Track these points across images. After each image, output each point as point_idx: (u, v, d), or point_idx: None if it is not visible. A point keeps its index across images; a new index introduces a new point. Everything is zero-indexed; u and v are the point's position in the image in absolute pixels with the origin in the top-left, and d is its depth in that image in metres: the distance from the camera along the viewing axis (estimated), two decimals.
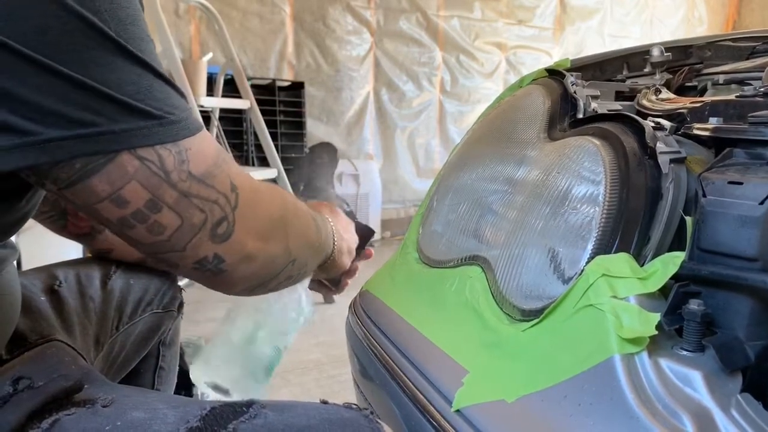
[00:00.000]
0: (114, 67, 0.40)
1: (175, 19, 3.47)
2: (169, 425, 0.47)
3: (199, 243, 0.46)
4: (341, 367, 1.91)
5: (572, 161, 0.61)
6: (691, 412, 0.40)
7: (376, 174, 4.02)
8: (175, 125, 0.43)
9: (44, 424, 0.45)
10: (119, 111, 0.40)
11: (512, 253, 0.62)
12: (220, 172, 0.47)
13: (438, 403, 0.56)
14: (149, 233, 0.45)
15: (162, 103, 0.42)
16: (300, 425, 0.48)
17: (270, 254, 0.53)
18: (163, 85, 0.43)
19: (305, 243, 0.62)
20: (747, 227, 0.44)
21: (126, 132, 0.41)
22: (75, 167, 0.40)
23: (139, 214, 0.43)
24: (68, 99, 0.38)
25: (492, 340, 0.57)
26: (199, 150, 0.45)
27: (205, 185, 0.45)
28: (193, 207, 0.45)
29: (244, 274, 0.51)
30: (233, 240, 0.48)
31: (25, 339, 0.59)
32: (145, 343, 0.88)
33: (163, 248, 0.46)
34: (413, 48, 4.33)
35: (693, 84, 0.90)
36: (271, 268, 0.55)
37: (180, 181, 0.44)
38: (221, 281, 0.51)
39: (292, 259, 0.57)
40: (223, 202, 0.47)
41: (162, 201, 0.43)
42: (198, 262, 0.48)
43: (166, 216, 0.44)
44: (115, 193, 0.42)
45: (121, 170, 0.41)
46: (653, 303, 0.46)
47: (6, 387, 0.48)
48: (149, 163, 0.42)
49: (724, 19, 5.73)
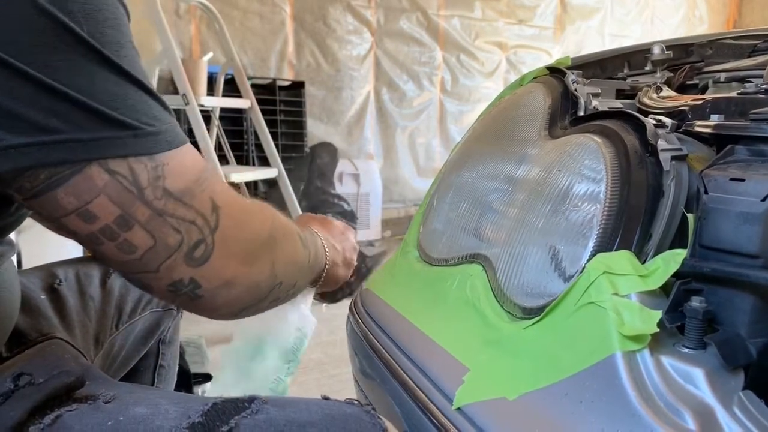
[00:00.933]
0: (86, 71, 0.38)
1: (176, 19, 3.47)
2: (171, 420, 0.47)
3: (174, 265, 0.44)
4: (342, 367, 1.91)
5: (573, 159, 0.60)
6: (693, 409, 0.40)
7: (376, 173, 4.02)
8: (151, 137, 0.41)
9: (46, 419, 0.45)
10: (88, 119, 0.38)
11: (513, 251, 0.62)
12: (200, 190, 0.44)
13: (439, 401, 0.56)
14: (119, 251, 0.42)
15: (139, 114, 0.40)
16: (302, 421, 0.48)
17: (253, 279, 0.50)
18: (142, 94, 0.41)
19: (293, 264, 0.59)
20: (749, 224, 0.44)
21: (95, 141, 0.38)
22: (39, 177, 0.38)
23: (108, 230, 0.41)
24: (34, 103, 0.36)
25: (493, 338, 0.57)
26: (179, 165, 0.43)
27: (182, 204, 0.43)
28: (168, 227, 0.42)
29: (225, 300, 0.49)
30: (211, 264, 0.46)
31: (25, 336, 0.59)
32: (145, 342, 0.88)
33: (134, 268, 0.44)
34: (414, 47, 4.32)
35: (694, 82, 0.90)
36: (255, 292, 0.52)
37: (155, 199, 0.41)
38: (198, 306, 0.48)
39: (278, 282, 0.54)
40: (201, 223, 0.44)
41: (133, 218, 0.41)
42: (172, 284, 0.45)
43: (138, 235, 0.42)
44: (83, 207, 0.40)
45: (88, 183, 0.39)
46: (655, 300, 0.46)
47: (7, 383, 0.48)
48: (120, 177, 0.40)
49: (725, 19, 5.73)
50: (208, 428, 0.46)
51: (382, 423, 0.50)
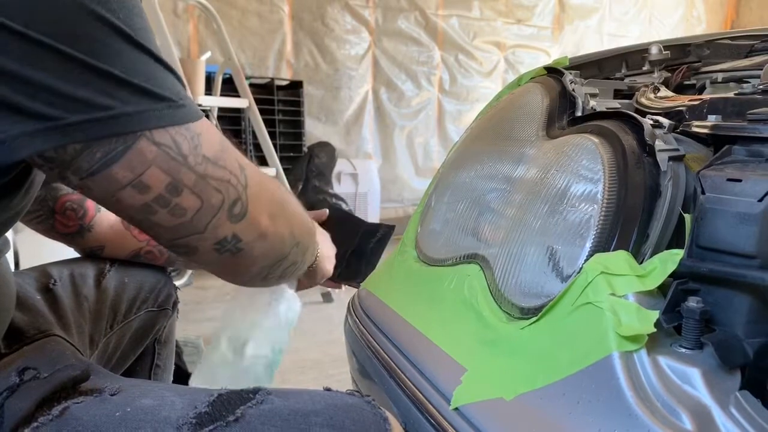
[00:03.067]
0: (124, 56, 0.42)
1: (174, 18, 3.47)
2: (178, 411, 0.47)
3: (219, 223, 0.48)
4: (340, 366, 1.91)
5: (571, 159, 0.60)
6: (690, 409, 0.40)
7: (374, 173, 4.02)
8: (183, 109, 0.45)
9: (54, 411, 0.46)
10: (132, 94, 0.42)
11: (511, 251, 0.62)
12: (227, 155, 0.49)
13: (436, 402, 0.56)
14: (172, 216, 0.46)
15: (169, 90, 0.44)
16: (305, 410, 0.49)
17: (279, 233, 0.55)
18: (167, 73, 0.45)
19: (304, 226, 0.63)
20: (746, 224, 0.44)
21: (139, 114, 0.42)
22: (95, 156, 0.41)
23: (161, 198, 0.45)
24: (87, 84, 0.40)
25: (490, 338, 0.57)
26: (208, 135, 0.47)
27: (219, 166, 0.47)
28: (211, 188, 0.47)
29: (261, 251, 0.53)
30: (248, 218, 0.50)
31: (23, 333, 0.59)
32: (141, 341, 0.88)
33: (185, 231, 0.47)
34: (412, 47, 4.32)
35: (691, 82, 0.90)
36: (281, 248, 0.56)
37: (197, 164, 0.45)
38: (239, 262, 0.52)
39: (297, 241, 0.59)
40: (236, 182, 0.49)
41: (182, 184, 0.45)
42: (218, 242, 0.49)
43: (187, 198, 0.46)
44: (137, 179, 0.43)
45: (140, 157, 0.43)
46: (652, 301, 0.46)
47: (12, 377, 0.49)
48: (166, 148, 0.43)
49: (723, 19, 5.74)
50: (215, 418, 0.47)
51: (382, 413, 0.51)
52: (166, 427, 0.46)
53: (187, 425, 0.46)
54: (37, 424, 0.45)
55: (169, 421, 0.46)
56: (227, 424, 0.47)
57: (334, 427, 0.48)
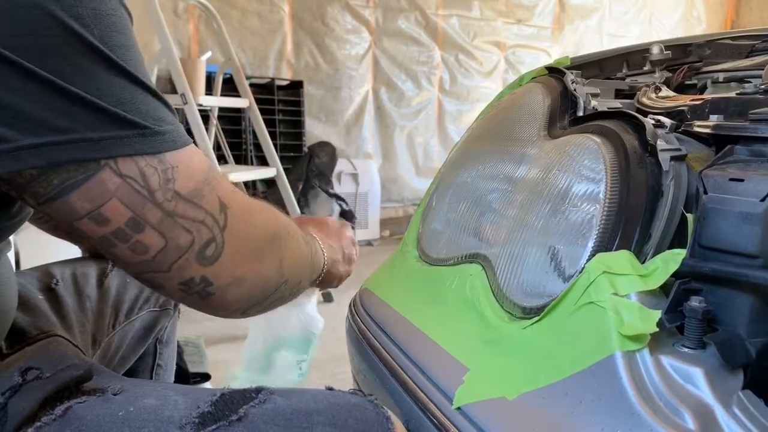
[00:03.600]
0: (95, 75, 0.39)
1: (174, 18, 3.47)
2: (181, 410, 0.47)
3: (186, 264, 0.45)
4: (343, 365, 1.91)
5: (572, 159, 0.60)
6: (693, 409, 0.40)
7: (375, 173, 4.02)
8: (158, 137, 0.42)
9: (57, 410, 0.46)
10: (98, 119, 0.39)
11: (513, 250, 0.62)
12: (209, 191, 0.45)
13: (439, 401, 0.56)
14: (132, 252, 0.43)
15: (145, 115, 0.41)
16: (308, 409, 0.49)
17: (262, 276, 0.51)
18: (148, 96, 0.42)
19: (298, 261, 0.60)
20: (748, 224, 0.44)
21: (104, 141, 0.39)
22: (53, 183, 0.39)
23: (120, 233, 0.42)
24: (46, 104, 0.37)
25: (492, 338, 0.57)
26: (187, 167, 0.44)
27: (193, 205, 0.44)
28: (179, 227, 0.43)
29: (235, 297, 0.49)
30: (222, 262, 0.46)
31: (25, 334, 0.59)
32: (142, 341, 0.88)
33: (146, 268, 0.45)
34: (412, 47, 4.32)
35: (692, 82, 0.90)
36: (263, 289, 0.53)
37: (165, 201, 0.42)
38: (209, 304, 0.49)
39: (285, 279, 0.55)
40: (211, 223, 0.45)
41: (145, 221, 0.42)
42: (184, 283, 0.46)
43: (150, 236, 0.43)
44: (95, 210, 0.41)
45: (101, 187, 0.40)
46: (654, 300, 0.46)
47: (15, 377, 0.49)
48: (131, 180, 0.41)
49: (723, 19, 5.74)
50: (218, 417, 0.47)
51: (385, 412, 0.51)
52: (170, 426, 0.46)
53: (190, 425, 0.46)
54: (40, 423, 0.45)
55: (172, 420, 0.46)
56: (230, 423, 0.46)
57: (337, 426, 0.48)
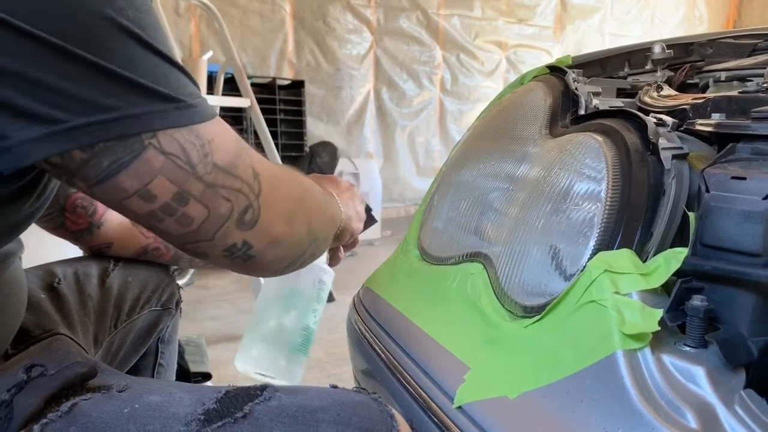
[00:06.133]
0: (131, 55, 0.41)
1: (175, 18, 3.47)
2: (186, 407, 0.48)
3: (228, 232, 0.47)
4: (342, 365, 1.91)
5: (574, 158, 0.60)
6: (695, 407, 0.40)
7: (376, 173, 4.02)
8: (192, 109, 0.44)
9: (63, 407, 0.46)
10: (139, 95, 0.41)
11: (514, 249, 0.62)
12: (242, 161, 0.48)
13: (440, 400, 0.56)
14: (178, 225, 0.46)
15: (177, 90, 0.43)
16: (313, 407, 0.49)
17: (295, 236, 0.54)
18: (177, 72, 0.44)
19: (324, 219, 0.63)
20: (750, 222, 0.44)
21: (146, 115, 0.41)
22: (102, 165, 0.41)
23: (167, 207, 0.44)
24: (92, 85, 0.39)
25: (494, 337, 0.57)
26: (221, 141, 0.46)
27: (230, 175, 0.46)
28: (219, 197, 0.46)
29: (273, 258, 0.52)
30: (260, 226, 0.49)
31: (29, 333, 0.59)
32: (144, 341, 0.88)
33: (192, 238, 0.47)
34: (413, 47, 4.32)
35: (694, 81, 0.90)
36: (298, 249, 0.56)
37: (206, 174, 0.45)
38: (251, 266, 0.51)
39: (315, 237, 0.58)
40: (247, 190, 0.48)
41: (189, 194, 0.44)
42: (227, 249, 0.49)
43: (194, 208, 0.45)
44: (143, 188, 0.43)
45: (147, 166, 0.42)
46: (656, 299, 0.46)
47: (20, 375, 0.49)
48: (174, 157, 0.43)
49: (725, 18, 5.73)
50: (223, 414, 0.47)
51: (389, 410, 0.51)
52: (175, 423, 0.46)
53: (196, 422, 0.46)
54: (46, 420, 0.45)
55: (177, 417, 0.46)
56: (235, 420, 0.47)
57: (341, 423, 0.48)
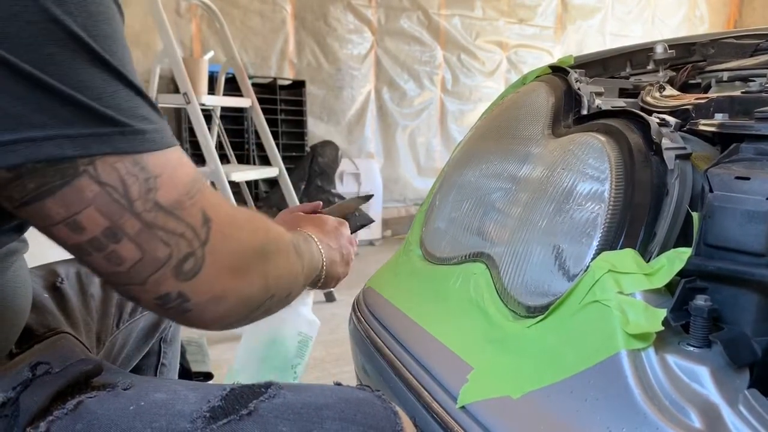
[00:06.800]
0: (76, 66, 0.37)
1: (176, 18, 3.47)
2: (192, 405, 0.47)
3: (162, 279, 0.43)
4: (343, 365, 1.91)
5: (577, 158, 0.60)
6: (699, 407, 0.40)
7: (377, 173, 4.01)
8: (138, 136, 0.40)
9: (68, 405, 0.46)
10: (76, 115, 0.37)
11: (517, 249, 0.62)
12: (191, 203, 0.43)
13: (443, 400, 0.56)
14: (107, 262, 0.42)
15: (126, 112, 0.39)
16: (317, 404, 0.49)
17: (244, 293, 0.49)
18: (130, 92, 0.40)
19: (286, 276, 0.57)
20: (754, 222, 0.44)
21: (83, 137, 0.37)
22: (28, 187, 0.37)
23: (95, 241, 0.40)
24: (22, 98, 0.35)
25: (496, 337, 0.57)
26: (171, 176, 0.42)
27: (173, 217, 0.42)
28: (157, 240, 0.41)
29: (213, 315, 0.47)
30: (201, 278, 0.44)
31: (33, 332, 0.59)
32: (146, 341, 0.88)
33: (120, 279, 0.43)
34: (414, 47, 4.32)
35: (697, 81, 0.90)
36: (246, 306, 0.50)
37: (145, 211, 0.40)
38: (186, 320, 0.47)
39: (271, 294, 0.53)
40: (191, 236, 0.43)
41: (122, 231, 0.40)
42: (159, 297, 0.44)
43: (126, 247, 0.41)
44: (71, 217, 0.39)
45: (78, 194, 0.38)
46: (659, 299, 0.46)
47: (25, 373, 0.49)
48: (110, 189, 0.39)
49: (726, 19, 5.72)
50: (228, 412, 0.47)
51: (393, 407, 0.51)
52: (180, 420, 0.46)
53: (201, 419, 0.46)
54: (52, 417, 0.45)
55: (183, 414, 0.46)
56: (240, 417, 0.47)
57: (346, 420, 0.48)
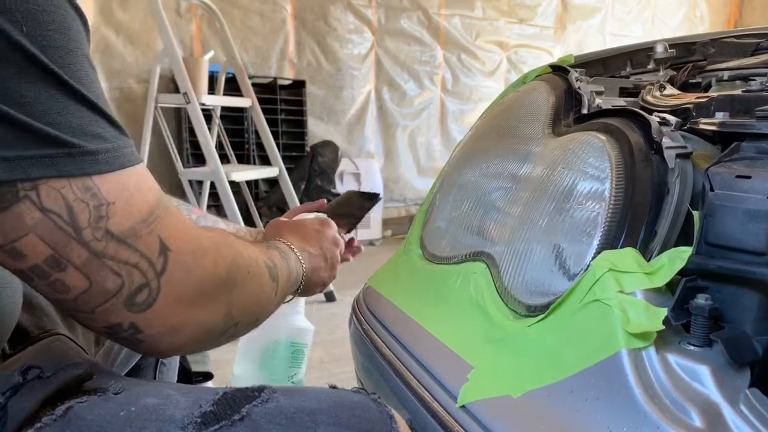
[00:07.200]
0: (18, 81, 0.34)
1: (177, 18, 3.47)
2: (183, 410, 0.46)
3: (112, 309, 0.41)
4: (343, 365, 1.91)
5: (577, 157, 0.60)
6: (699, 406, 0.40)
7: (377, 173, 4.02)
8: (88, 157, 0.37)
9: (58, 410, 0.45)
10: (15, 135, 0.34)
11: (517, 249, 0.62)
12: (148, 231, 0.41)
13: (443, 399, 0.56)
14: (51, 290, 0.39)
15: (76, 130, 0.36)
16: (311, 408, 0.48)
17: (203, 324, 0.47)
18: (83, 109, 0.37)
19: (255, 303, 0.55)
20: (755, 221, 0.43)
21: (21, 160, 0.34)
22: None
23: (37, 269, 0.38)
24: None
25: (497, 336, 0.57)
26: (126, 203, 0.39)
27: (126, 246, 0.39)
28: (107, 269, 0.39)
29: (169, 346, 0.46)
30: (155, 310, 0.42)
31: (28, 333, 0.58)
32: None
33: (67, 306, 0.41)
34: (414, 46, 4.32)
35: (697, 80, 0.90)
36: (204, 337, 0.49)
37: (93, 240, 0.38)
38: (139, 349, 0.46)
39: (234, 323, 0.51)
40: (146, 267, 0.41)
41: (67, 260, 0.38)
42: (109, 327, 0.42)
43: (72, 276, 0.38)
44: (9, 244, 0.36)
45: (16, 221, 0.36)
46: (660, 298, 0.46)
47: (15, 377, 0.48)
48: (54, 216, 0.36)
49: (726, 18, 5.73)
50: (220, 417, 0.46)
51: (388, 410, 0.50)
52: (171, 426, 0.45)
53: (192, 425, 0.45)
54: (41, 424, 0.44)
55: (173, 420, 0.45)
56: (233, 423, 0.45)
57: (340, 425, 0.47)
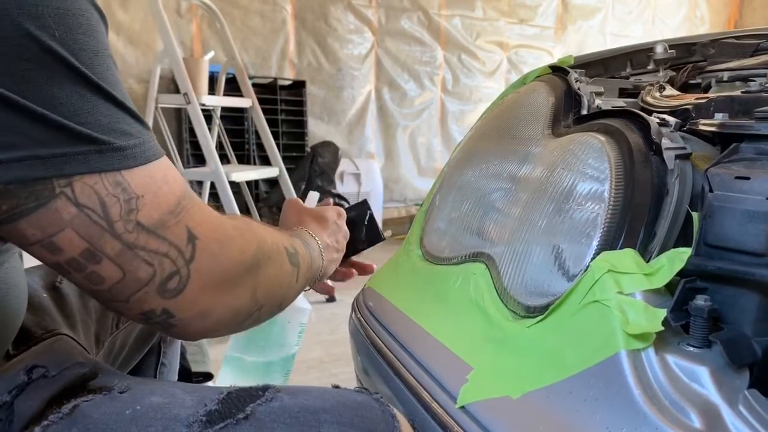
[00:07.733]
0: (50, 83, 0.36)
1: (177, 18, 3.47)
2: (188, 408, 0.47)
3: (145, 297, 0.43)
4: (343, 366, 1.91)
5: (577, 157, 0.60)
6: (698, 407, 0.40)
7: (377, 173, 4.02)
8: (117, 153, 0.39)
9: (64, 409, 0.45)
10: (49, 134, 0.36)
11: (516, 249, 0.62)
12: (176, 221, 0.42)
13: (443, 400, 0.56)
14: (87, 281, 0.41)
15: (105, 128, 0.38)
16: (315, 407, 0.48)
17: (231, 307, 0.49)
18: (111, 107, 0.39)
19: (278, 287, 0.57)
20: (754, 222, 0.43)
21: (55, 158, 0.36)
22: (1, 208, 0.36)
23: (74, 262, 0.40)
24: None
25: (496, 337, 0.57)
26: (155, 196, 0.41)
27: (156, 237, 0.41)
28: (139, 260, 0.41)
29: (198, 329, 0.48)
30: (186, 295, 0.44)
31: (31, 334, 0.59)
32: (146, 341, 0.88)
33: (102, 296, 0.43)
34: (415, 47, 4.32)
35: (697, 81, 0.90)
36: (232, 320, 0.50)
37: (125, 232, 0.40)
38: (172, 334, 0.48)
39: (259, 306, 0.53)
40: (175, 255, 0.43)
41: (102, 252, 0.39)
42: (143, 314, 0.44)
43: (106, 268, 0.40)
44: (47, 239, 0.38)
45: (54, 216, 0.37)
46: (659, 299, 0.46)
47: (21, 376, 0.48)
48: (89, 211, 0.38)
49: (726, 19, 5.72)
50: (225, 415, 0.46)
51: (391, 410, 0.51)
52: (177, 424, 0.46)
53: (198, 423, 0.46)
54: (47, 422, 0.44)
55: (179, 418, 0.46)
56: (237, 421, 0.46)
57: (343, 424, 0.48)
